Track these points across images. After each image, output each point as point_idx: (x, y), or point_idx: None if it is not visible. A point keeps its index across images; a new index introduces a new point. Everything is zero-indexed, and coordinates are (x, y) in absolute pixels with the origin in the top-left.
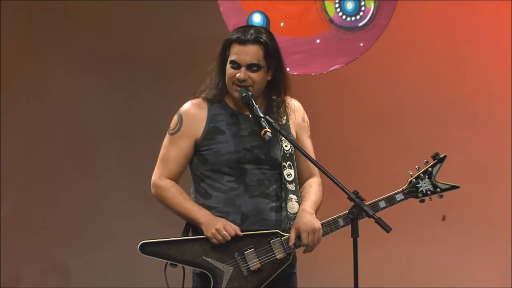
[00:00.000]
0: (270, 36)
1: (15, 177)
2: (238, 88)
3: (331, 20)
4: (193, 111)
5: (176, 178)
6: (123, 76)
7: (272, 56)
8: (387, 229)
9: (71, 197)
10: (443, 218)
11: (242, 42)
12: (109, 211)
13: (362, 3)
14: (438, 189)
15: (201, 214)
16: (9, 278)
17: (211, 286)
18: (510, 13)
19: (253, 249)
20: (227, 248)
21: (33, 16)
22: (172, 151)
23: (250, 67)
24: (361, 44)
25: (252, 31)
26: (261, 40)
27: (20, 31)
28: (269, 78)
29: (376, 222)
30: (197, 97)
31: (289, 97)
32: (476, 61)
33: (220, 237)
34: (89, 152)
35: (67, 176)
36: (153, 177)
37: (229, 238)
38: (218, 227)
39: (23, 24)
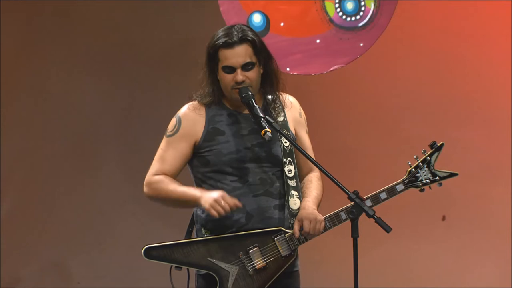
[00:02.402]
0: (253, 31)
1: (15, 177)
2: (238, 90)
3: (331, 20)
4: (191, 114)
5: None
6: (123, 76)
7: (261, 50)
8: (387, 229)
9: (71, 197)
10: (443, 218)
11: (229, 45)
12: (109, 211)
13: (362, 3)
14: (437, 177)
15: (196, 190)
16: (9, 278)
17: (217, 287)
18: (510, 13)
19: (257, 247)
20: (231, 247)
21: (32, 16)
22: (169, 151)
23: (245, 66)
24: (361, 44)
25: (235, 32)
26: (248, 38)
27: (19, 31)
28: (261, 71)
29: (376, 222)
30: (194, 100)
31: (284, 94)
32: (476, 61)
33: (219, 208)
34: (89, 152)
35: (67, 176)
36: (146, 177)
37: (228, 209)
38: (217, 197)
39: (22, 24)
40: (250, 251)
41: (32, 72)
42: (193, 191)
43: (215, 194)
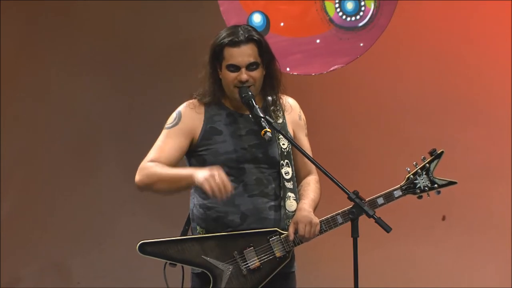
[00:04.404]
0: (258, 32)
1: (15, 177)
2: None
3: (331, 20)
4: (191, 111)
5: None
6: (123, 76)
7: (265, 51)
8: (387, 229)
9: (71, 197)
10: (443, 218)
11: (236, 44)
12: (109, 211)
13: (362, 3)
14: (436, 185)
15: (190, 168)
16: (9, 278)
17: (211, 286)
18: (510, 13)
19: (252, 247)
20: (226, 247)
21: (32, 16)
22: (167, 143)
23: (250, 66)
24: (361, 44)
25: (241, 31)
26: (254, 38)
27: (20, 31)
28: (263, 73)
29: (376, 222)
30: (194, 98)
31: (285, 95)
32: (476, 61)
33: (213, 183)
34: (89, 152)
35: (67, 176)
36: (140, 165)
37: (222, 186)
38: (213, 172)
39: (23, 24)
40: (245, 251)
41: (32, 72)
42: (186, 170)
43: (213, 169)
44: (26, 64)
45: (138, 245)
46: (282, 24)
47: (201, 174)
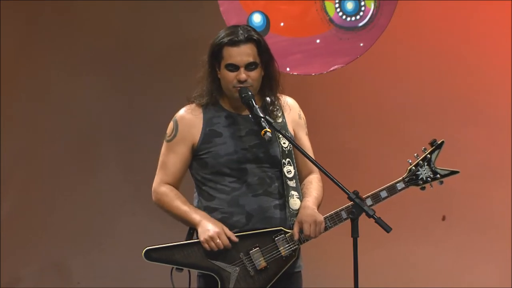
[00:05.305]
0: (258, 32)
1: (15, 177)
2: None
3: (331, 20)
4: (188, 117)
5: (176, 184)
6: (123, 76)
7: (264, 51)
8: (387, 229)
9: (71, 197)
10: (443, 218)
11: (235, 43)
12: (109, 211)
13: (362, 3)
14: (438, 175)
15: (198, 215)
16: (9, 278)
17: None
18: (510, 13)
19: (258, 248)
20: (232, 248)
21: (32, 16)
22: (170, 157)
23: (249, 66)
24: (361, 44)
25: (241, 31)
26: (254, 37)
27: (19, 31)
28: (262, 73)
29: (376, 222)
30: (191, 102)
31: (283, 95)
32: (476, 61)
33: (213, 244)
34: (89, 152)
35: (67, 176)
36: (153, 184)
37: (221, 247)
38: (213, 234)
39: (22, 24)
40: (251, 251)
41: (32, 72)
42: (193, 215)
43: (212, 230)
44: (26, 64)
45: (143, 252)
46: (282, 24)
47: (205, 234)
